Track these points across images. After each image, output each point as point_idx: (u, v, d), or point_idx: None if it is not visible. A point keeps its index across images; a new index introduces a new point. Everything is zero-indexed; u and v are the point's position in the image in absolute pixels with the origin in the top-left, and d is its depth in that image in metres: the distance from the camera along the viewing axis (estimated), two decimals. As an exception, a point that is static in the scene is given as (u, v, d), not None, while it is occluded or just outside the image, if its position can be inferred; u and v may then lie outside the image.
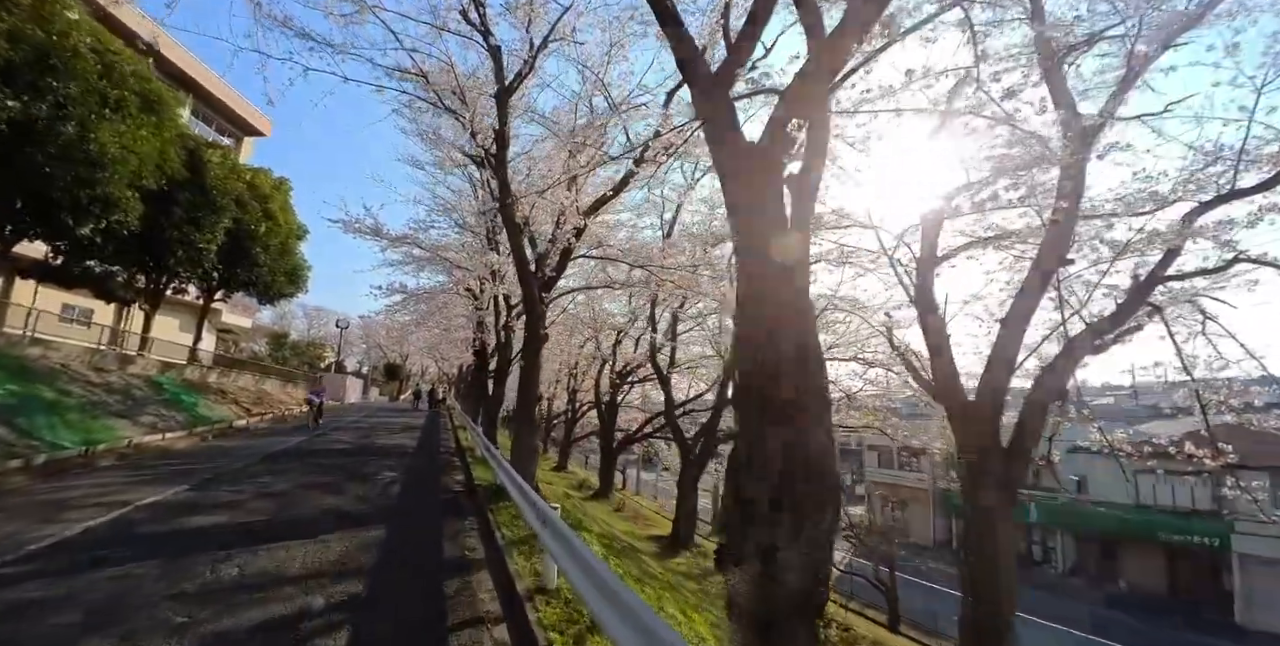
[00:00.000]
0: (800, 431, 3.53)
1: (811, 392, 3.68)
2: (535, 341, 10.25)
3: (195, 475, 10.24)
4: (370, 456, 13.94)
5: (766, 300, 3.99)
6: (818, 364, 3.86)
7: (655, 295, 15.64)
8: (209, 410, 19.02)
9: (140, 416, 15.39)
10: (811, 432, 3.57)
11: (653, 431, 21.58)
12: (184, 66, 28.34)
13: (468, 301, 19.56)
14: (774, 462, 3.45)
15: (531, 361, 10.31)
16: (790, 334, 3.81)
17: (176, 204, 17.65)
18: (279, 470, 11.23)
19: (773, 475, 3.44)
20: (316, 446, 15.17)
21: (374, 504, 8.78)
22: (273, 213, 21.26)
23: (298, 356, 55.28)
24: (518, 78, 10.38)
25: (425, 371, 68.98)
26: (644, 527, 17.83)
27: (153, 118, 15.94)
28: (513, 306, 17.71)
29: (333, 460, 13.04)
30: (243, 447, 14.28)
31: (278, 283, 23.44)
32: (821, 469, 3.50)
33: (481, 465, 13.56)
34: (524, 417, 10.26)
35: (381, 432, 19.96)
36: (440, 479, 11.71)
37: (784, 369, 3.68)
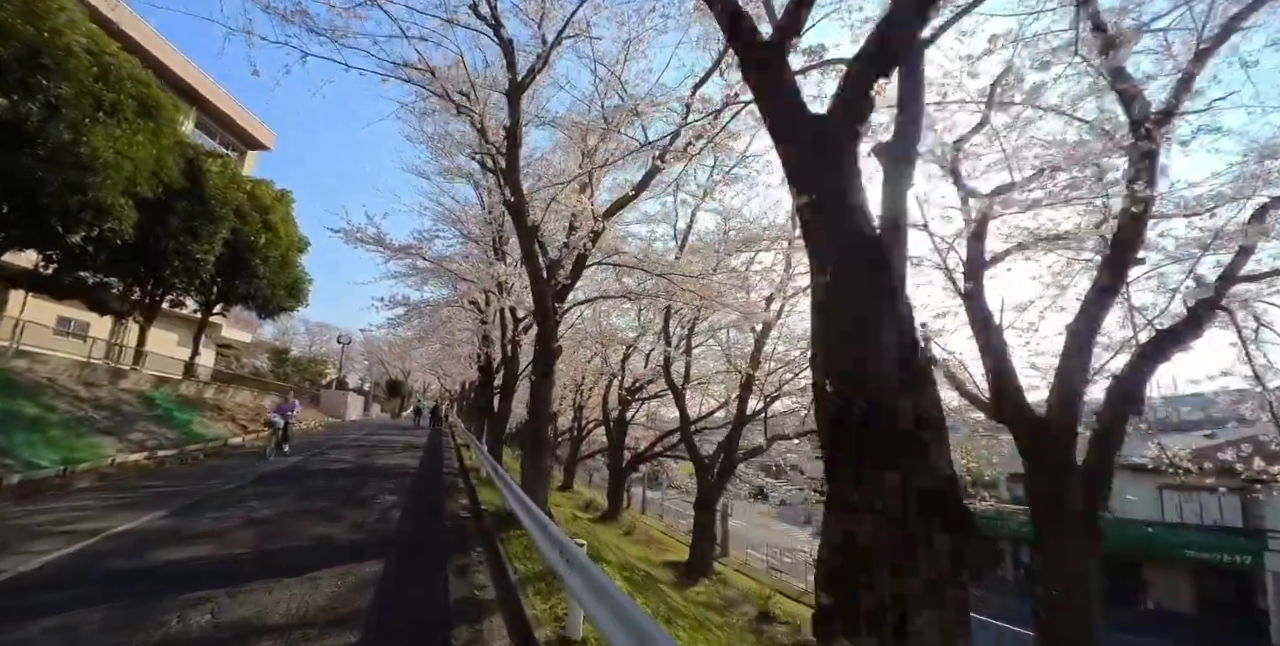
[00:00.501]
0: (923, 462, 2.73)
1: (928, 413, 2.89)
2: (548, 355, 9.45)
3: (178, 498, 9.38)
4: (370, 477, 13.07)
5: (853, 306, 3.21)
6: (928, 377, 3.07)
7: (669, 307, 14.88)
8: (203, 427, 18.17)
9: (128, 434, 14.55)
10: (936, 462, 2.78)
11: (664, 450, 20.67)
12: (188, 78, 28.05)
13: (472, 315, 18.78)
14: (893, 503, 2.64)
15: (543, 376, 9.50)
16: (890, 345, 3.03)
17: (173, 213, 16.99)
18: (270, 493, 10.37)
19: (889, 519, 2.63)
20: (313, 467, 14.31)
21: (372, 533, 7.92)
22: (273, 224, 20.61)
23: (299, 372, 54.54)
24: (530, 73, 9.71)
25: (427, 388, 68.06)
26: (657, 552, 16.85)
27: (150, 123, 15.34)
28: (519, 320, 16.96)
29: (330, 482, 12.17)
30: (235, 467, 13.42)
31: (277, 296, 22.72)
32: (956, 508, 2.69)
33: (488, 486, 12.70)
34: (535, 438, 9.42)
35: (382, 452, 19.07)
36: (444, 503, 10.84)
37: (887, 387, 2.89)
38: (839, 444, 2.96)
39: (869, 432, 2.79)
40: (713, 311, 15.90)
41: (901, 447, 2.74)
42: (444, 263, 16.02)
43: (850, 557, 2.63)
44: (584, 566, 4.55)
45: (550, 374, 9.44)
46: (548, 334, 9.35)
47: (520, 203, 9.34)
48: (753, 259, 13.51)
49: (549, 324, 9.32)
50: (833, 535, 2.73)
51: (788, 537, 38.74)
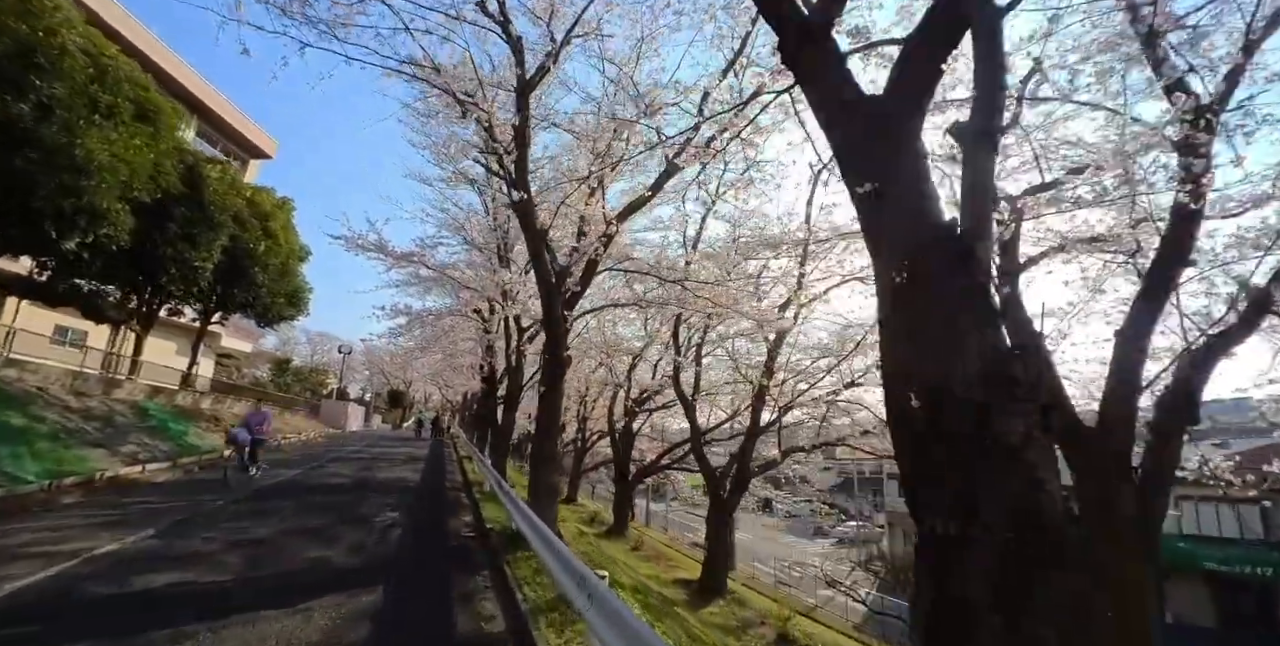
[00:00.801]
0: (1035, 486, 2.24)
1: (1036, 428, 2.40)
2: (557, 365, 8.96)
3: (167, 516, 8.86)
4: (369, 492, 12.54)
5: (938, 307, 2.74)
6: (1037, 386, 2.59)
7: (680, 315, 14.41)
8: (199, 439, 17.65)
9: (120, 445, 14.04)
10: (1048, 483, 2.29)
11: (670, 462, 20.11)
12: (190, 86, 27.82)
13: (476, 325, 18.33)
14: (998, 537, 2.16)
15: (552, 387, 9.01)
16: (987, 348, 2.56)
17: (171, 219, 16.59)
18: (265, 510, 9.84)
19: (996, 555, 2.15)
20: (310, 482, 13.77)
21: (370, 555, 7.39)
22: (273, 232, 20.21)
23: (300, 382, 54.07)
24: (540, 72, 9.32)
25: (429, 399, 67.48)
26: (667, 569, 16.27)
27: (148, 127, 14.98)
28: (524, 330, 16.50)
29: (327, 497, 11.64)
30: (230, 481, 12.87)
31: (277, 304, 22.27)
32: (1070, 543, 2.20)
33: (492, 502, 12.16)
34: (544, 452, 8.92)
35: (382, 464, 18.53)
36: (447, 520, 10.30)
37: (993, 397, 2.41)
38: (926, 467, 2.48)
39: (967, 452, 2.31)
40: (723, 320, 15.45)
41: (1010, 469, 2.25)
42: (447, 270, 15.58)
43: (955, 609, 2.14)
44: (603, 597, 4.04)
45: (559, 385, 8.95)
46: (556, 343, 8.87)
47: (529, 205, 8.91)
48: (765, 265, 13.05)
49: (558, 332, 8.85)
50: (930, 579, 2.24)
51: (795, 551, 38.08)
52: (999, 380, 2.50)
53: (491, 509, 11.38)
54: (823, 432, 14.81)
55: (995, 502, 2.17)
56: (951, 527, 2.22)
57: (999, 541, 2.14)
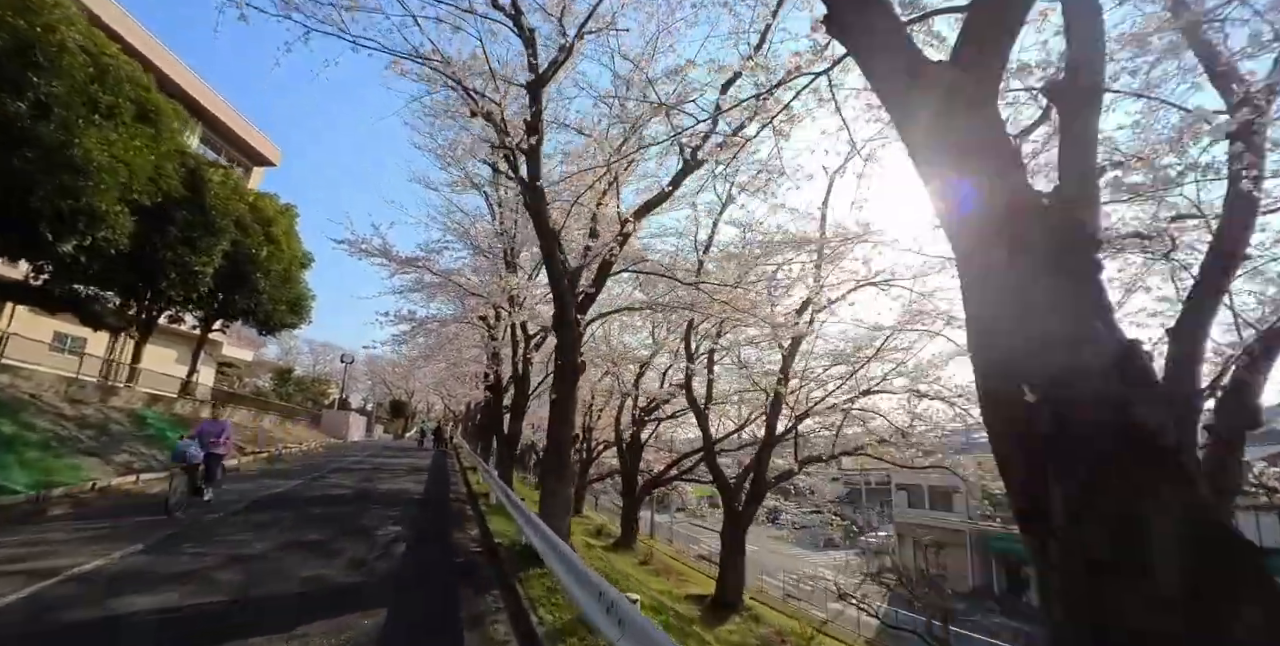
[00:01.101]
0: (1202, 493, 1.79)
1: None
2: (570, 370, 8.50)
3: (158, 529, 8.38)
4: (371, 504, 12.04)
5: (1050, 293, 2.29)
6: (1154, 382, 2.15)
7: (692, 321, 13.97)
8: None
9: (114, 455, 13.57)
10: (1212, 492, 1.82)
11: (679, 473, 19.57)
12: (194, 92, 27.55)
13: (481, 332, 17.90)
14: (1169, 564, 1.69)
15: (565, 395, 8.53)
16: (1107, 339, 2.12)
17: (171, 223, 16.22)
18: (262, 523, 9.35)
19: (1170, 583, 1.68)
20: (309, 493, 13.28)
21: (372, 572, 6.90)
22: (275, 237, 19.85)
23: (302, 392, 53.68)
24: (553, 66, 8.95)
25: (431, 408, 66.97)
26: (678, 584, 15.70)
27: (148, 129, 14.65)
28: (531, 336, 16.06)
29: (327, 509, 11.15)
30: (226, 492, 12.39)
31: (279, 312, 21.85)
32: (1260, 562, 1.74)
33: (499, 514, 11.65)
34: (556, 463, 8.43)
35: (384, 475, 18.02)
36: (453, 534, 9.80)
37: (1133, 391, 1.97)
38: (1059, 477, 2.02)
39: (1123, 457, 1.85)
40: (734, 326, 15.01)
41: (1177, 477, 1.80)
42: (452, 276, 15.17)
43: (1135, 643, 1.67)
44: (637, 627, 3.56)
45: (572, 392, 8.49)
46: (569, 347, 8.42)
47: (541, 203, 8.50)
48: (780, 267, 12.61)
49: (571, 336, 8.40)
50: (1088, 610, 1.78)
51: (802, 563, 37.32)
52: (1136, 371, 2.06)
53: (499, 522, 10.88)
54: (838, 442, 14.31)
55: (1167, 517, 1.71)
56: (1111, 550, 1.76)
57: (1168, 569, 1.69)
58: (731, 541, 12.88)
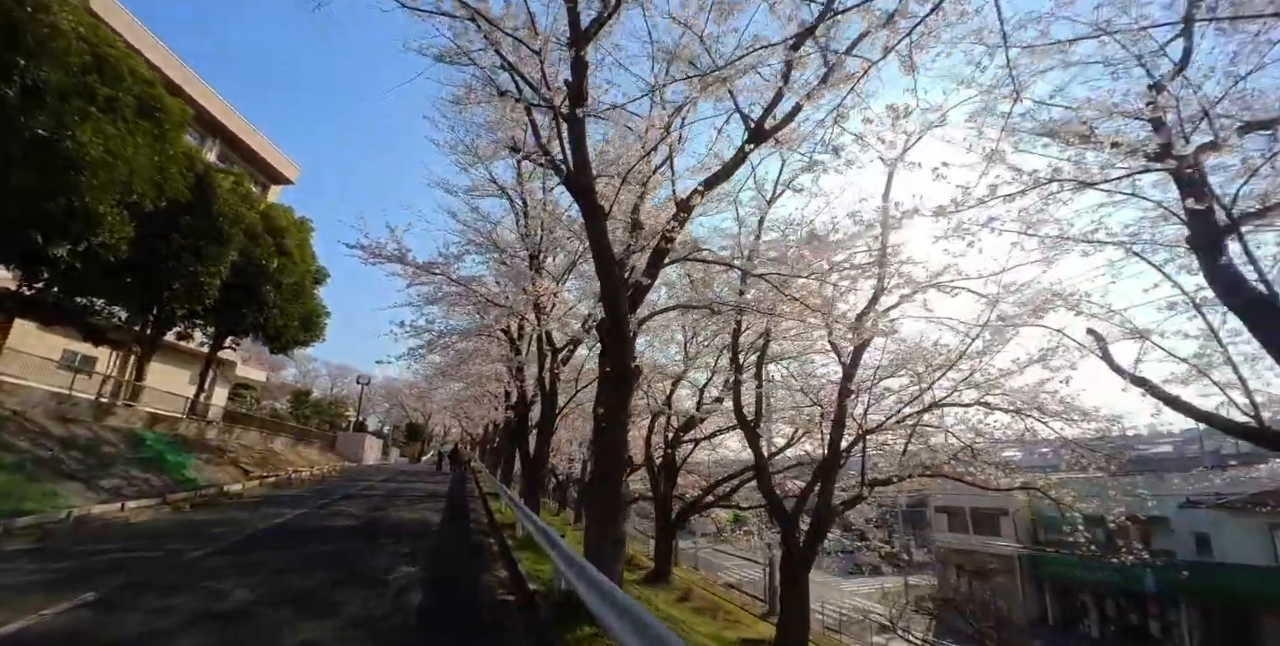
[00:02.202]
0: None
1: None
2: (622, 378, 6.87)
3: (124, 571, 6.79)
4: (382, 538, 10.38)
5: None
6: None
7: (737, 328, 12.33)
8: (197, 472, 15.63)
9: (101, 479, 12.05)
10: None
11: (716, 499, 17.71)
12: (211, 108, 26.84)
13: (502, 347, 16.36)
14: None
15: (615, 408, 6.88)
16: None
17: (176, 230, 14.97)
18: (251, 563, 7.72)
19: None
20: (315, 524, 11.65)
21: (378, 635, 5.23)
22: (288, 249, 18.56)
23: (319, 414, 52.50)
24: (597, 23, 7.55)
25: (448, 431, 65.33)
26: (726, 625, 13.77)
27: (151, 126, 13.47)
28: (558, 349, 14.48)
29: (331, 544, 9.50)
30: (221, 522, 10.82)
31: (291, 328, 20.49)
32: None
33: (529, 550, 9.95)
34: (606, 491, 6.74)
35: (399, 503, 16.33)
36: (477, 577, 8.10)
37: None
38: None
39: None
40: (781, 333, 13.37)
41: None
42: (473, 285, 13.70)
43: None
44: None
45: (625, 405, 6.84)
46: (622, 349, 6.81)
47: (587, 179, 7.00)
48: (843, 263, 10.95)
49: (623, 334, 6.80)
50: None
51: (832, 591, 34.85)
52: None
53: (530, 559, 9.18)
54: (904, 462, 12.49)
55: None
56: None
57: None
58: (793, 580, 11.02)
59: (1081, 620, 27.23)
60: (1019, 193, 6.98)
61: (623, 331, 6.81)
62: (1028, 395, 12.27)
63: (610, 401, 6.96)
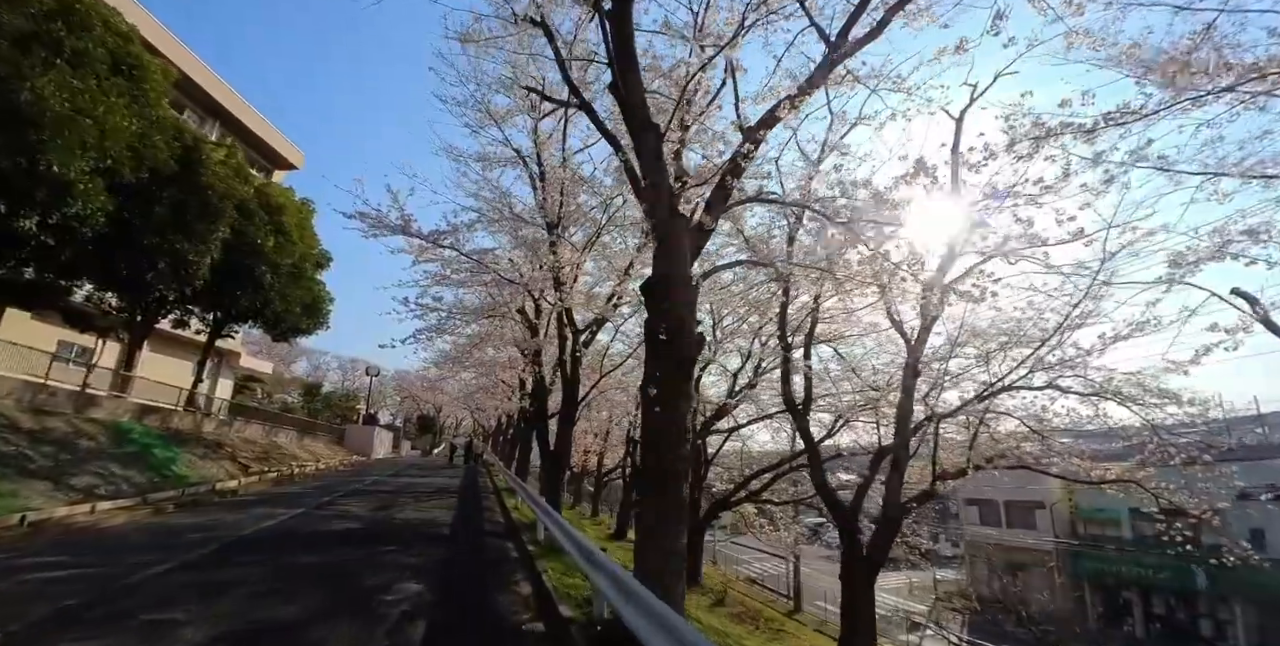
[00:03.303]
0: None
1: None
2: (683, 347, 5.23)
3: (46, 599, 5.25)
4: (384, 545, 8.83)
5: None
6: None
7: (785, 302, 10.67)
8: (189, 468, 14.18)
9: (73, 477, 10.58)
10: None
11: (747, 495, 16.13)
12: (213, 92, 25.38)
13: (516, 330, 14.77)
14: None
15: (673, 384, 5.25)
16: None
17: (159, 203, 13.44)
18: (220, 583, 6.18)
19: None
20: (310, 527, 10.11)
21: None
22: (285, 228, 17.00)
23: (330, 408, 51.56)
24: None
25: (460, 423, 64.09)
26: (774, 637, 12.19)
27: (127, 85, 11.93)
28: (580, 330, 12.87)
29: (324, 554, 7.96)
30: (202, 527, 9.32)
31: (291, 314, 18.95)
32: None
33: (553, 557, 8.41)
34: (663, 497, 5.11)
35: (407, 500, 14.81)
36: (494, 595, 6.53)
37: None
38: None
39: None
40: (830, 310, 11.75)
41: None
42: (485, 259, 12.09)
43: None
44: None
45: (684, 383, 5.21)
46: (680, 315, 5.18)
47: (634, 82, 5.35)
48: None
49: (684, 298, 5.17)
50: None
51: (857, 588, 33.24)
52: None
53: (556, 569, 7.63)
54: (975, 450, 10.86)
55: None
56: None
57: None
58: (857, 592, 9.33)
59: (1125, 618, 25.54)
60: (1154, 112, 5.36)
61: (680, 289, 5.18)
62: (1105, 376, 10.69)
63: (664, 371, 5.29)
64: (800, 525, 24.15)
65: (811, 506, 18.36)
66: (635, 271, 11.95)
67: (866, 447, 15.44)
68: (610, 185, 11.13)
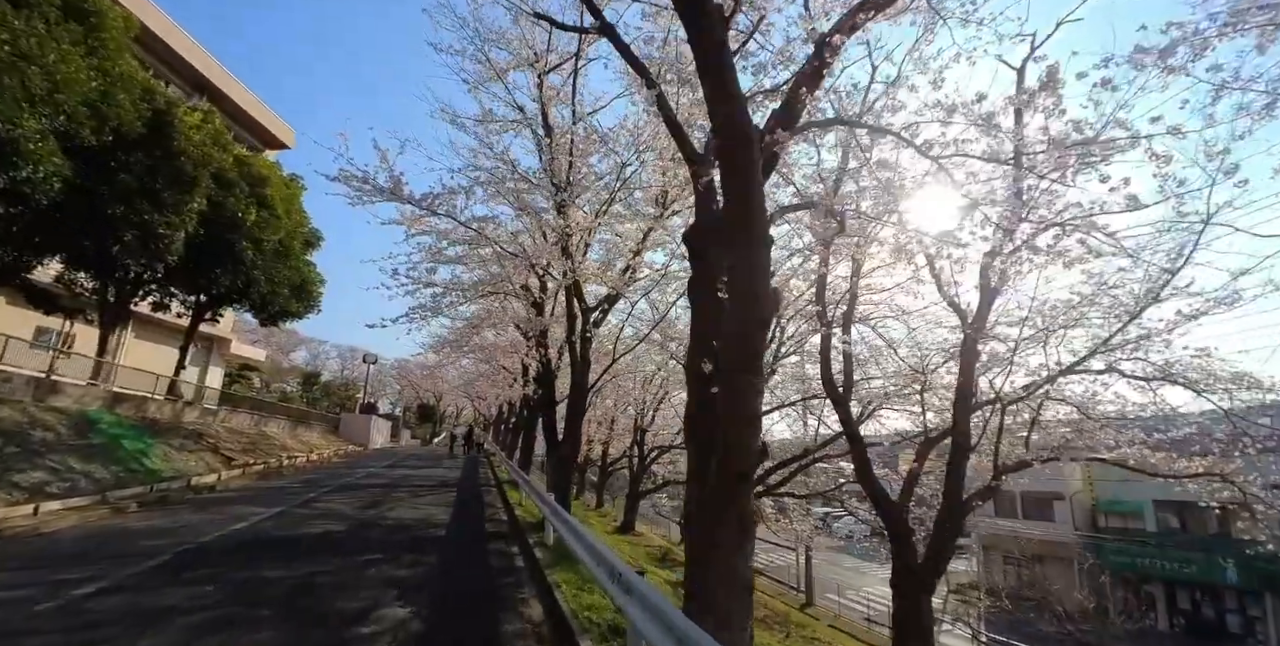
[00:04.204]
0: None
1: None
2: (754, 309, 3.86)
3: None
4: (369, 553, 7.52)
5: None
6: None
7: (824, 274, 9.29)
8: (163, 461, 12.87)
9: (22, 472, 9.26)
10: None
11: (769, 489, 14.87)
12: (200, 66, 23.89)
13: (521, 306, 13.41)
14: None
15: (744, 361, 3.89)
16: None
17: (125, 170, 12.02)
18: (157, 610, 4.87)
19: None
20: (286, 530, 8.78)
21: None
22: (269, 201, 15.56)
23: (329, 397, 50.48)
24: None
25: (460, 412, 62.88)
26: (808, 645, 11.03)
27: (81, 32, 10.49)
28: (589, 310, 11.50)
29: (296, 566, 6.63)
30: (161, 531, 8.01)
31: (279, 296, 17.55)
32: None
33: (565, 567, 7.11)
34: (728, 509, 3.80)
35: (401, 495, 13.50)
36: (500, 623, 5.23)
37: None
38: None
39: None
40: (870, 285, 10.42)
41: None
42: (485, 227, 10.68)
43: None
44: None
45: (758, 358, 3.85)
46: (754, 260, 3.82)
47: None
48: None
49: (757, 221, 3.80)
50: None
51: (868, 578, 32.29)
52: None
53: (570, 583, 6.34)
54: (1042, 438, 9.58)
55: None
56: None
57: None
58: (914, 601, 8.03)
59: (1147, 613, 24.47)
60: None
61: (758, 204, 3.79)
62: (1170, 359, 9.45)
63: (736, 342, 3.93)
64: (811, 516, 22.94)
65: (833, 498, 17.16)
66: (653, 241, 10.61)
67: (886, 438, 14.20)
68: (629, 141, 9.74)
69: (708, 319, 4.45)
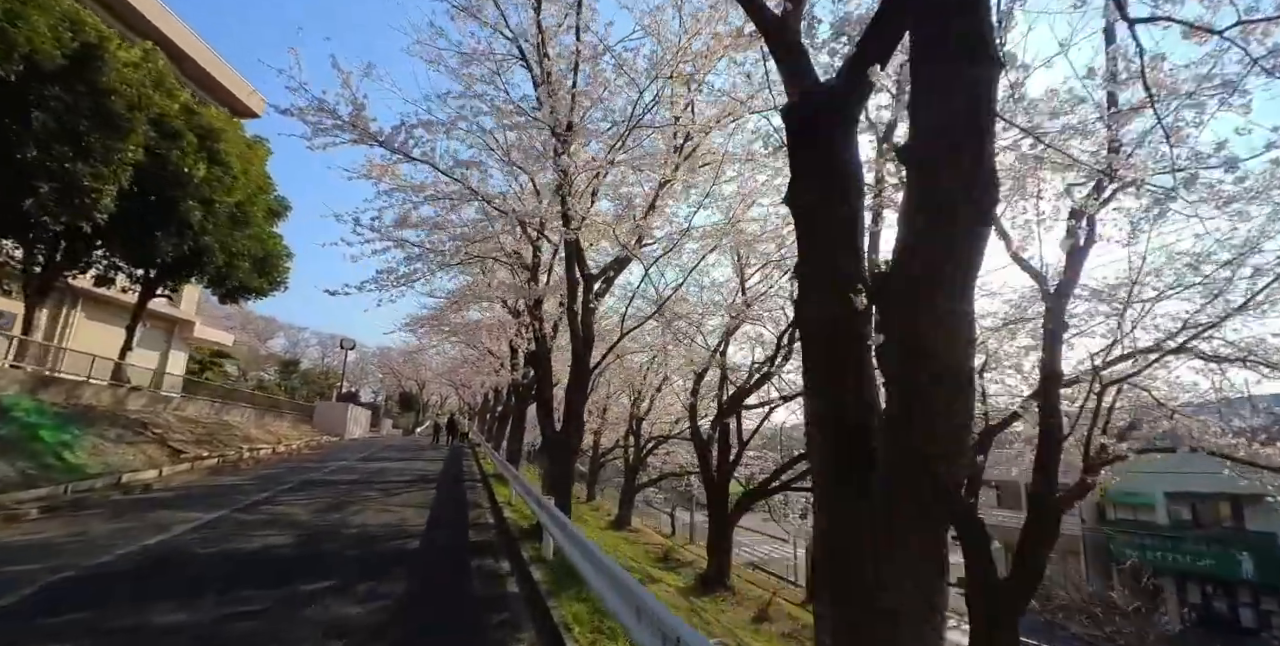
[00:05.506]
0: None
1: None
2: (973, 175, 2.14)
3: None
4: (316, 580, 5.69)
5: None
6: None
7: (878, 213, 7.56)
8: (91, 454, 10.89)
9: (-118, 473, 7.30)
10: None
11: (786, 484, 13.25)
12: (162, 26, 21.48)
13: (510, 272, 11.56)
14: None
15: (950, 273, 2.19)
16: None
17: (41, 107, 9.93)
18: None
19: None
20: (216, 545, 6.87)
21: None
22: (222, 157, 13.46)
23: (308, 385, 48.16)
24: None
25: (445, 400, 60.73)
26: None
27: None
28: (592, 278, 9.65)
29: (206, 606, 4.78)
30: (49, 548, 6.13)
31: (239, 270, 15.47)
32: None
33: (569, 590, 5.37)
34: (920, 534, 2.14)
35: (371, 494, 11.60)
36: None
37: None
38: None
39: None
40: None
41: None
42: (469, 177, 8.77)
43: None
44: None
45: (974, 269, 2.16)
46: (979, 92, 2.10)
47: None
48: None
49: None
50: None
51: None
52: None
53: (579, 616, 4.62)
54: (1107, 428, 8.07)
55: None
56: None
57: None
58: (1000, 625, 6.47)
59: (1157, 608, 23.43)
60: None
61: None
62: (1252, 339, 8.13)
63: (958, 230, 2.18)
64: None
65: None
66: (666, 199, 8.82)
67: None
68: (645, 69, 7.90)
69: (829, 239, 2.72)
